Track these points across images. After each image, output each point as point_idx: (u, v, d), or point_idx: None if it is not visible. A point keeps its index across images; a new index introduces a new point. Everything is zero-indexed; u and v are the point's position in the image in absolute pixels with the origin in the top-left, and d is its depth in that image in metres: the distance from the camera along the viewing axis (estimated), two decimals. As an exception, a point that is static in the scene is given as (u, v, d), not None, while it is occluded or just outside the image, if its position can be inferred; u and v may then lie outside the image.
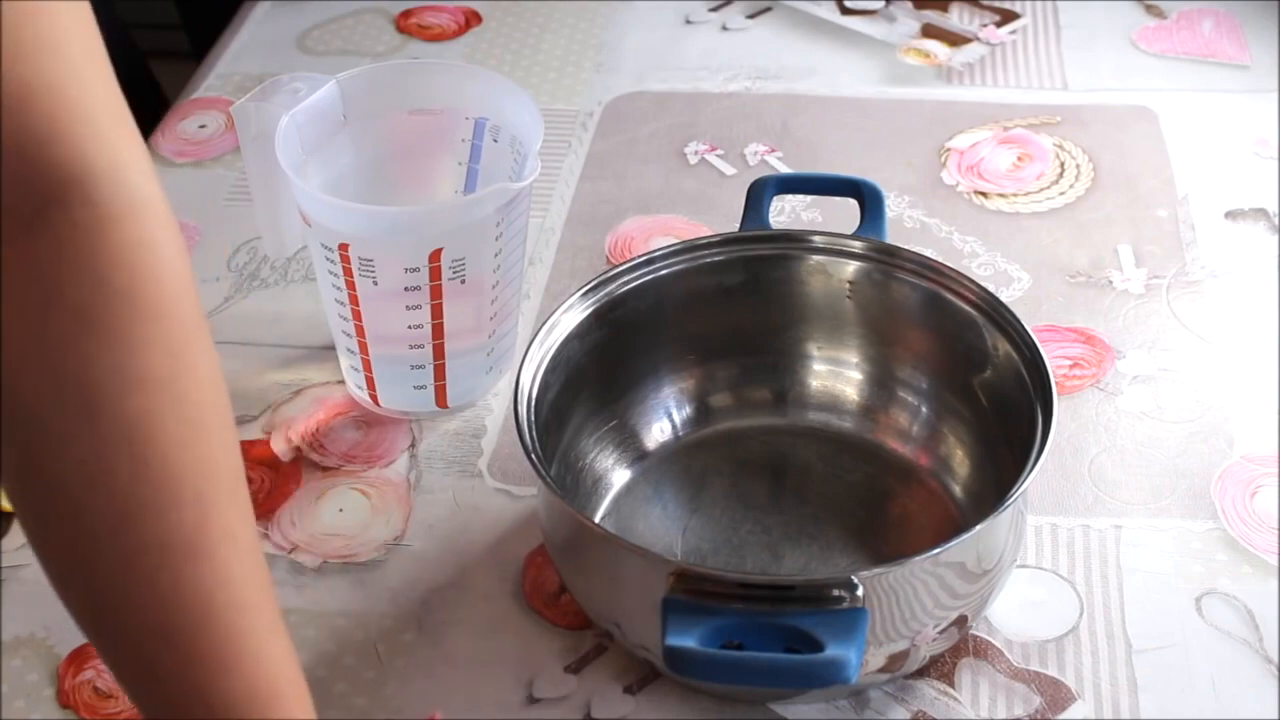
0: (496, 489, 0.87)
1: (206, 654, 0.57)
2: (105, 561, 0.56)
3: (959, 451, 0.84)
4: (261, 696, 0.58)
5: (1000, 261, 1.01)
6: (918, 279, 0.82)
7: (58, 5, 0.57)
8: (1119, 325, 0.95)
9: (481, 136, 0.90)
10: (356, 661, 0.78)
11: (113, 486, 0.56)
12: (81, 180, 0.56)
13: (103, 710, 0.76)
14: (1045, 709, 0.74)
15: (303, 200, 0.83)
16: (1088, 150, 1.10)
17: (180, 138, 1.15)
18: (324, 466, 0.88)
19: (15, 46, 0.54)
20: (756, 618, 0.66)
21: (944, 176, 1.09)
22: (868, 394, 0.87)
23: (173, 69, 1.39)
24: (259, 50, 1.25)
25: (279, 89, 0.87)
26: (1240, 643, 0.77)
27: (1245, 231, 1.03)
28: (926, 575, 0.68)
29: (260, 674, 0.58)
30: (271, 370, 0.94)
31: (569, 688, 0.76)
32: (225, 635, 0.57)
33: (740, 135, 1.13)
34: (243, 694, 0.58)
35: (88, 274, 0.56)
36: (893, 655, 0.71)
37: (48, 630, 0.80)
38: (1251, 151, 1.10)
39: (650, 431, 0.87)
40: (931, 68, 1.20)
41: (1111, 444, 0.88)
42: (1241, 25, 1.23)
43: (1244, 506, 0.84)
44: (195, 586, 0.57)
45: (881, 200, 0.86)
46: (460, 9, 1.30)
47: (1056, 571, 0.81)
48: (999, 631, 0.78)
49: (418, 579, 0.82)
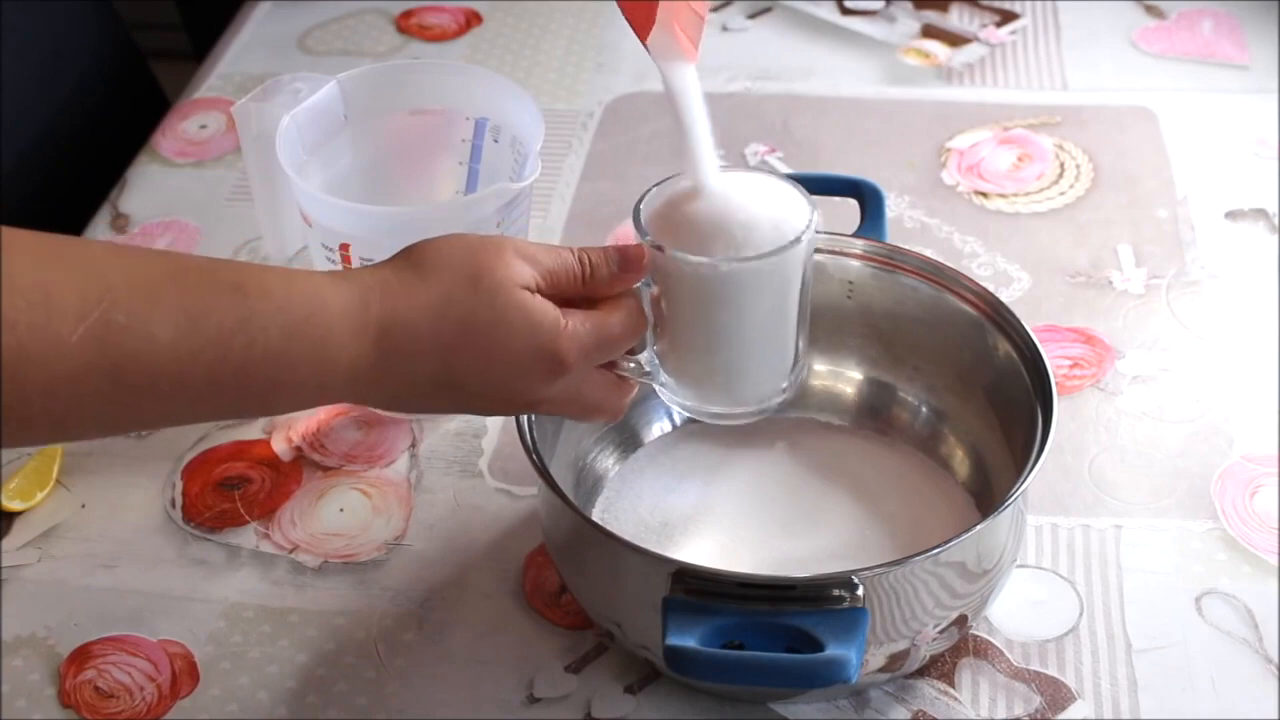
0: (497, 489, 0.87)
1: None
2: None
3: (959, 451, 0.84)
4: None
5: (1000, 261, 1.01)
6: (918, 279, 0.82)
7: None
8: (1119, 325, 0.95)
9: (482, 136, 0.90)
10: (357, 661, 0.78)
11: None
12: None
13: (104, 710, 0.76)
14: (1045, 709, 0.74)
15: (304, 200, 0.83)
16: (1088, 150, 1.10)
17: (181, 138, 1.15)
18: (325, 466, 0.89)
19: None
20: (757, 617, 0.66)
21: (944, 177, 1.09)
22: (868, 394, 0.87)
23: (173, 69, 1.39)
24: (260, 50, 1.25)
25: (280, 89, 0.87)
26: (1240, 642, 0.77)
27: (1245, 231, 1.03)
28: (927, 575, 0.68)
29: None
30: (272, 370, 0.94)
31: (569, 687, 0.76)
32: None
33: (740, 135, 1.13)
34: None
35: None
36: (893, 655, 0.71)
37: (48, 630, 0.80)
38: (1251, 151, 1.10)
39: (650, 431, 0.87)
40: (931, 68, 1.20)
41: (1111, 444, 0.88)
42: (1241, 25, 1.23)
43: (1244, 506, 0.84)
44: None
45: (882, 200, 0.86)
46: (460, 9, 1.30)
47: (1056, 571, 0.81)
48: (999, 631, 0.78)
49: (418, 579, 0.82)
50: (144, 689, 0.77)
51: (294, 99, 0.86)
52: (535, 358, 0.66)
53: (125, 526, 0.85)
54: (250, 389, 0.62)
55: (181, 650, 0.79)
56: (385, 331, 0.64)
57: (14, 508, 0.86)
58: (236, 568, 0.83)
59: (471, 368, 0.66)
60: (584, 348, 0.67)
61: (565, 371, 0.67)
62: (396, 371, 0.65)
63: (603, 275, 0.69)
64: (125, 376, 0.59)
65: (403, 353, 0.65)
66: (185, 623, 0.80)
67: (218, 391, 0.62)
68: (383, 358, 0.64)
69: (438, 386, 0.66)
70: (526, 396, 0.68)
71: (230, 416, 0.65)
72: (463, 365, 0.66)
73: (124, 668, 0.78)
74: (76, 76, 1.18)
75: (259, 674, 0.77)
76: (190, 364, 0.60)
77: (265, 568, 0.83)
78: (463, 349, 0.65)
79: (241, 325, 0.61)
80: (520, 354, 0.66)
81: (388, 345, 0.64)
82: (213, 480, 0.88)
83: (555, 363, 0.67)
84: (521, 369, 0.67)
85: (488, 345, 0.65)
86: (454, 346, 0.65)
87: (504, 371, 0.66)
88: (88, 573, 0.83)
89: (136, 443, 0.91)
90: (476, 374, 0.66)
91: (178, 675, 0.77)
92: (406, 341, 0.65)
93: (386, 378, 0.65)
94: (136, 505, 0.87)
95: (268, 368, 0.62)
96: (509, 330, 0.65)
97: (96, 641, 0.79)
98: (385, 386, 0.66)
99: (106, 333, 0.58)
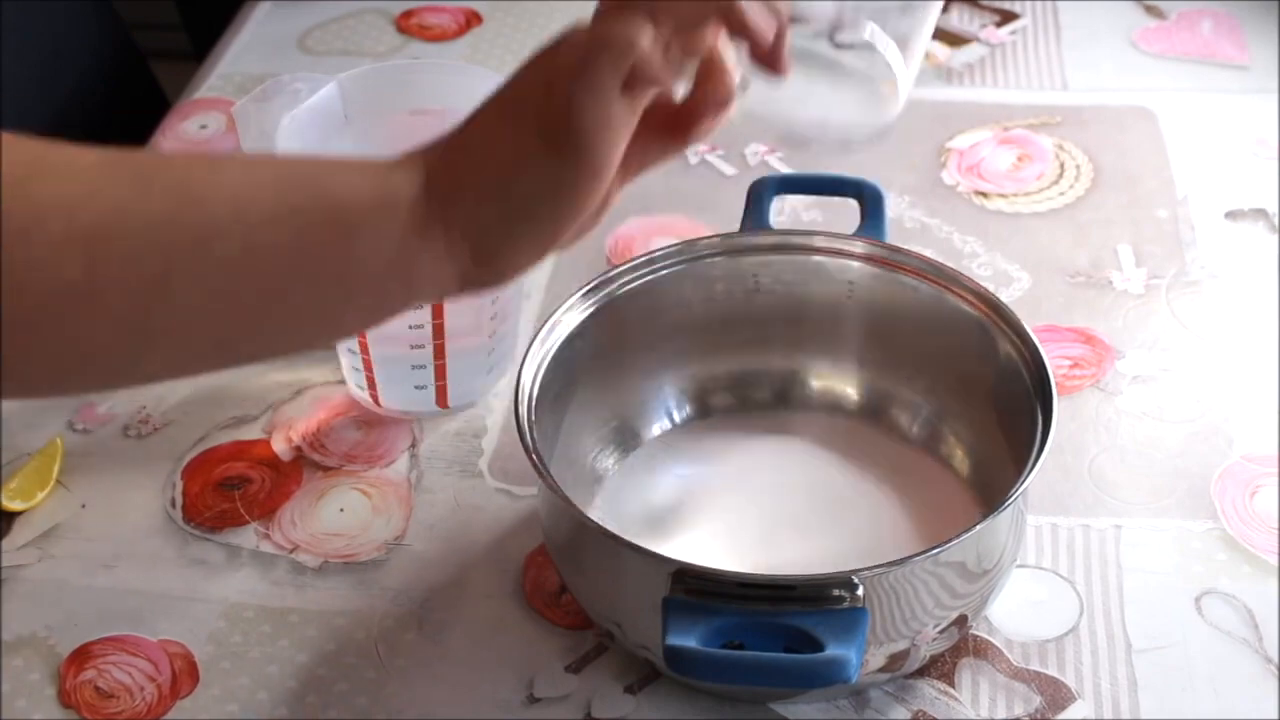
0: (497, 489, 0.87)
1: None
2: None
3: (959, 451, 0.84)
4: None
5: (1000, 261, 1.01)
6: (918, 279, 0.83)
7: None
8: (1119, 325, 0.95)
9: (482, 137, 0.90)
10: (357, 661, 0.78)
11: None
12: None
13: (104, 710, 0.76)
14: (1045, 709, 0.74)
15: (303, 200, 0.83)
16: (1088, 150, 1.10)
17: (181, 138, 1.15)
18: (325, 466, 0.89)
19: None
20: (757, 617, 0.66)
21: (944, 177, 1.09)
22: (868, 394, 0.87)
23: (173, 69, 1.39)
24: (260, 50, 1.25)
25: (280, 89, 0.87)
26: (1240, 642, 0.77)
27: (1245, 231, 1.03)
28: (927, 575, 0.68)
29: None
30: (272, 370, 0.94)
31: (569, 687, 0.76)
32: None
33: (741, 135, 1.13)
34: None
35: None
36: (893, 655, 0.71)
37: (49, 630, 0.80)
38: (1251, 151, 1.10)
39: (651, 431, 0.87)
40: (931, 68, 1.20)
41: (1111, 444, 0.88)
42: (1241, 25, 1.23)
43: (1244, 506, 0.84)
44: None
45: (882, 200, 0.86)
46: (460, 9, 1.30)
47: (1056, 571, 0.81)
48: (999, 631, 0.78)
49: (418, 579, 0.82)
50: (144, 689, 0.77)
51: (294, 99, 0.86)
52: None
53: (125, 526, 0.85)
54: (319, 238, 0.59)
55: (181, 650, 0.79)
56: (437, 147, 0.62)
57: (14, 508, 0.86)
58: (236, 568, 0.83)
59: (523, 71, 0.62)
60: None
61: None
62: (459, 146, 0.62)
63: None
64: (205, 220, 0.57)
65: (461, 132, 0.62)
66: (185, 623, 0.80)
67: (292, 237, 0.59)
68: (440, 145, 0.62)
69: (503, 118, 0.62)
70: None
71: (305, 291, 0.61)
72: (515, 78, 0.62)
73: (124, 668, 0.78)
74: (76, 76, 1.18)
75: (259, 674, 0.77)
76: (261, 197, 0.58)
77: (265, 568, 0.83)
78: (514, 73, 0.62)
79: (304, 167, 0.60)
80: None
81: (444, 142, 0.62)
82: (213, 480, 0.88)
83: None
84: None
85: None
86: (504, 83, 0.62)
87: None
88: (88, 573, 0.83)
89: (136, 443, 0.91)
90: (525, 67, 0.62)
91: (178, 675, 0.77)
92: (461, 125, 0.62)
93: (452, 151, 0.62)
94: (136, 505, 0.87)
95: (334, 207, 0.59)
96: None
97: (96, 641, 0.79)
98: (453, 160, 0.62)
99: (185, 187, 0.57)
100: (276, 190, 0.59)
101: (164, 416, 0.92)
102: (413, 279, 0.62)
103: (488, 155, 0.61)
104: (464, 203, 0.61)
